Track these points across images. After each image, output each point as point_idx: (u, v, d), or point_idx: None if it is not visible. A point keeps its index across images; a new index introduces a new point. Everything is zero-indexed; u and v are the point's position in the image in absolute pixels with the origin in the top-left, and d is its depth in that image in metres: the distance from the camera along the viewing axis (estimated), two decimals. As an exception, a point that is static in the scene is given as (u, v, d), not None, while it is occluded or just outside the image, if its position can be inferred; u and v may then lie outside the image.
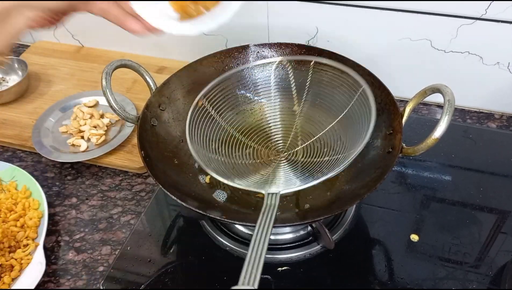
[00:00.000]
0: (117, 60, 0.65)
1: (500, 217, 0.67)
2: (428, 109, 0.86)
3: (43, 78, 0.94)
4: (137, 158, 0.76)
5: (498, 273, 0.60)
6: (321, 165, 0.61)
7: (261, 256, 0.40)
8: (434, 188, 0.71)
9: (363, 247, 0.64)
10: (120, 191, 0.74)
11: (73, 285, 0.62)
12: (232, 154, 0.65)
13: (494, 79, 0.79)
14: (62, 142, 0.80)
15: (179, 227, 0.68)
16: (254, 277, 0.38)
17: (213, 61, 0.73)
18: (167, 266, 0.63)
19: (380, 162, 0.60)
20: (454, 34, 0.75)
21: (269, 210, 0.48)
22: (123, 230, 0.68)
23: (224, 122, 0.66)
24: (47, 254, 0.64)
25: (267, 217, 0.46)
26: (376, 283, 0.60)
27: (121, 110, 0.64)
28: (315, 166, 0.61)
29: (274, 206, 0.49)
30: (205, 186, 0.65)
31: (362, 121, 0.57)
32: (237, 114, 0.69)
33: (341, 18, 0.79)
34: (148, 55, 0.98)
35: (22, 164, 0.78)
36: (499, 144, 0.78)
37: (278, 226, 0.62)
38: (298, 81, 0.68)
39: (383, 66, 0.81)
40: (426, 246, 0.63)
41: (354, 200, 0.56)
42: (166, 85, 0.69)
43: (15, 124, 0.84)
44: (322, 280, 0.61)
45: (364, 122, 0.56)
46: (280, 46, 0.74)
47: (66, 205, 0.72)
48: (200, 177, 0.66)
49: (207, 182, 0.65)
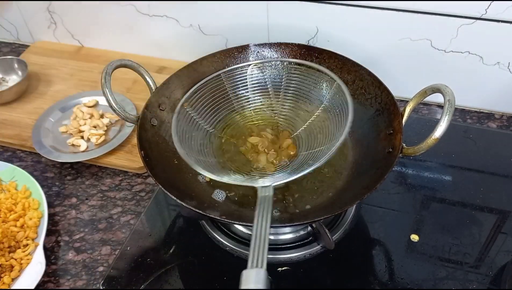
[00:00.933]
0: (117, 60, 0.65)
1: (500, 217, 0.67)
2: (428, 109, 0.86)
3: (43, 78, 0.94)
4: (137, 158, 0.76)
5: (498, 273, 0.60)
6: (308, 158, 0.62)
7: (265, 241, 0.44)
8: (434, 188, 0.71)
9: (363, 247, 0.64)
10: (120, 191, 0.74)
11: (73, 285, 0.62)
12: (220, 154, 0.67)
13: (494, 79, 0.79)
14: (62, 142, 0.80)
15: (179, 227, 0.68)
16: (261, 259, 0.42)
17: (213, 61, 0.73)
18: (167, 266, 0.63)
19: (380, 162, 0.60)
20: (454, 34, 0.75)
21: (264, 201, 0.50)
22: (123, 230, 0.68)
23: (208, 125, 0.69)
24: (47, 254, 0.64)
25: (264, 207, 0.49)
26: (376, 283, 0.60)
27: (121, 110, 0.64)
28: (302, 158, 0.64)
29: (269, 197, 0.51)
30: (205, 186, 0.65)
31: (340, 114, 0.61)
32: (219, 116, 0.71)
33: (341, 18, 0.79)
34: (148, 55, 0.98)
35: (22, 164, 0.78)
36: (499, 144, 0.78)
37: (278, 226, 0.62)
38: (274, 80, 0.72)
39: (383, 66, 0.81)
40: (426, 246, 0.63)
41: (354, 200, 0.56)
42: (166, 85, 0.69)
43: (15, 124, 0.84)
44: (322, 280, 0.61)
45: (342, 115, 0.60)
46: (280, 46, 0.74)
47: (66, 205, 0.72)
48: (199, 176, 0.66)
49: (207, 180, 0.65)
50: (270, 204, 0.50)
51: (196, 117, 0.67)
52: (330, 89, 0.65)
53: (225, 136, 0.70)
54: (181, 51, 0.95)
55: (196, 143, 0.65)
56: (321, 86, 0.66)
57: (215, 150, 0.68)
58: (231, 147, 0.69)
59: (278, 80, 0.71)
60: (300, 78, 0.69)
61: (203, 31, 0.90)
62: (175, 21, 0.90)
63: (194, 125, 0.67)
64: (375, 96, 0.66)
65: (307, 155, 0.63)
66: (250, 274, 0.41)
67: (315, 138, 0.65)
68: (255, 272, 0.41)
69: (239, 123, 0.71)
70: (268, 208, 0.49)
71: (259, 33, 0.86)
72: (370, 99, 0.66)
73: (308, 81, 0.68)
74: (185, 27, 0.90)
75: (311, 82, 0.67)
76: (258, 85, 0.72)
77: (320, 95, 0.67)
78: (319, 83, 0.67)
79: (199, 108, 0.67)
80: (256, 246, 0.44)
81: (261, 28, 0.85)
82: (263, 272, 0.41)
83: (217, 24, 0.88)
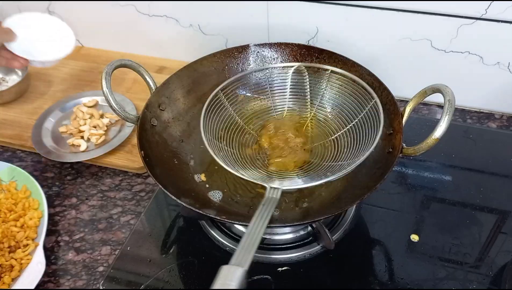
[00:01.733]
0: (117, 60, 0.65)
1: (500, 217, 0.67)
2: (428, 109, 0.86)
3: (43, 78, 0.94)
4: (137, 158, 0.76)
5: (498, 273, 0.60)
6: (326, 169, 0.62)
7: (255, 243, 0.44)
8: (434, 188, 0.71)
9: (363, 247, 0.64)
10: (120, 191, 0.74)
11: (73, 285, 0.62)
12: (241, 147, 0.68)
13: (494, 79, 0.79)
14: (62, 142, 0.80)
15: (179, 227, 0.68)
16: (246, 259, 0.42)
17: (213, 61, 0.73)
18: (167, 266, 0.63)
19: (380, 162, 0.60)
20: (454, 34, 0.75)
21: (269, 203, 0.50)
22: (123, 230, 0.68)
23: (238, 116, 0.71)
24: (47, 254, 0.64)
25: (266, 209, 0.49)
26: (376, 283, 0.60)
27: (121, 110, 0.64)
28: (319, 168, 0.63)
29: (274, 200, 0.51)
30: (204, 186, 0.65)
31: (369, 132, 0.61)
32: (250, 110, 0.73)
33: (341, 18, 0.79)
34: (148, 55, 0.98)
35: (22, 164, 0.78)
36: (499, 144, 0.78)
37: (278, 226, 0.62)
38: (313, 86, 0.72)
39: (383, 66, 0.81)
40: (426, 247, 0.63)
41: (354, 200, 0.56)
42: (166, 85, 0.69)
43: (15, 124, 0.84)
44: (322, 280, 0.61)
45: (371, 133, 0.60)
46: (280, 46, 0.74)
47: (66, 205, 0.72)
48: (195, 176, 0.66)
49: (203, 180, 0.65)
50: (273, 207, 0.50)
51: (227, 105, 0.69)
52: (367, 106, 0.63)
53: (252, 130, 0.71)
54: (181, 51, 0.95)
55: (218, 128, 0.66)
56: (358, 100, 0.65)
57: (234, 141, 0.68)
58: (253, 142, 0.69)
59: (317, 85, 0.72)
60: (340, 89, 0.69)
61: (203, 31, 0.90)
62: (175, 21, 0.90)
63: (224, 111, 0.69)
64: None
65: (327, 166, 0.63)
66: (229, 271, 0.40)
67: (341, 151, 0.64)
68: (234, 269, 0.40)
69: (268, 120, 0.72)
70: (270, 210, 0.49)
71: (259, 33, 0.86)
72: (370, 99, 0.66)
73: (347, 93, 0.68)
74: (185, 27, 0.90)
75: (349, 95, 0.67)
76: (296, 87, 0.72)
77: (356, 109, 0.66)
78: (357, 98, 0.66)
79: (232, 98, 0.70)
80: (245, 244, 0.43)
81: (261, 28, 0.85)
82: (242, 271, 0.40)
83: (217, 24, 0.88)
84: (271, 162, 0.66)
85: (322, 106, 0.72)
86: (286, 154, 0.67)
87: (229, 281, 0.39)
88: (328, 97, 0.71)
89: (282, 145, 0.68)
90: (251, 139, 0.70)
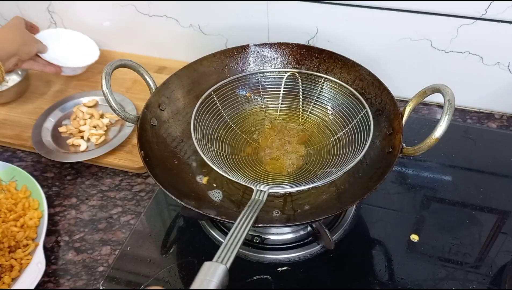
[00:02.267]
0: (117, 60, 0.65)
1: (500, 217, 0.67)
2: (428, 109, 0.86)
3: (43, 78, 0.94)
4: (137, 158, 0.76)
5: (498, 273, 0.60)
6: (313, 174, 0.64)
7: (239, 242, 0.45)
8: (434, 188, 0.71)
9: (363, 247, 0.64)
10: (120, 191, 0.74)
11: (73, 285, 0.62)
12: (231, 149, 0.68)
13: (494, 79, 0.79)
14: (62, 142, 0.80)
15: (179, 227, 0.68)
16: (228, 257, 0.42)
17: (213, 61, 0.73)
18: (167, 266, 0.63)
19: (380, 162, 0.60)
20: (454, 34, 0.75)
21: (255, 204, 0.51)
22: (123, 230, 0.68)
23: (228, 118, 0.71)
24: (47, 254, 0.64)
25: (252, 210, 0.50)
26: (376, 283, 0.60)
27: (121, 110, 0.64)
28: (307, 173, 0.64)
29: (260, 202, 0.52)
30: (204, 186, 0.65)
31: (359, 140, 0.62)
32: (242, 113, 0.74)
33: (341, 18, 0.79)
34: (148, 55, 0.98)
35: (22, 164, 0.78)
36: (499, 144, 0.78)
37: (278, 226, 0.62)
38: (306, 92, 0.73)
39: (383, 66, 0.81)
40: (426, 247, 0.63)
41: (354, 200, 0.56)
42: (166, 85, 0.69)
43: (15, 124, 0.84)
44: (322, 280, 0.61)
45: (361, 141, 0.62)
46: (280, 46, 0.74)
47: (65, 205, 0.72)
48: (197, 177, 0.66)
49: (204, 183, 0.65)
50: (258, 208, 0.50)
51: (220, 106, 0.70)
52: (359, 114, 0.65)
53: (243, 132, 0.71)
54: (181, 51, 0.95)
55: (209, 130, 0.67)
56: (350, 108, 0.67)
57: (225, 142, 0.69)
58: (242, 143, 0.70)
59: (310, 92, 0.73)
60: (333, 96, 0.70)
61: (203, 31, 0.90)
62: (175, 21, 0.90)
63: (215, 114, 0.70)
64: (375, 96, 0.66)
65: (314, 172, 0.64)
66: (211, 267, 0.41)
67: (328, 158, 0.66)
68: (215, 266, 0.41)
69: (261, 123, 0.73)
70: (255, 211, 0.49)
71: (259, 33, 0.86)
72: (370, 99, 0.66)
73: (340, 100, 0.69)
74: (185, 27, 0.90)
75: (341, 103, 0.69)
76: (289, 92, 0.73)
77: (347, 117, 0.67)
78: (349, 106, 0.67)
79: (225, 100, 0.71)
80: (228, 243, 0.44)
81: (261, 28, 0.85)
82: (223, 269, 0.41)
83: (217, 24, 0.88)
84: (265, 164, 0.67)
85: (314, 112, 0.72)
86: (278, 157, 0.67)
87: (209, 277, 0.40)
88: (321, 104, 0.72)
89: (274, 149, 0.69)
90: (242, 141, 0.70)
